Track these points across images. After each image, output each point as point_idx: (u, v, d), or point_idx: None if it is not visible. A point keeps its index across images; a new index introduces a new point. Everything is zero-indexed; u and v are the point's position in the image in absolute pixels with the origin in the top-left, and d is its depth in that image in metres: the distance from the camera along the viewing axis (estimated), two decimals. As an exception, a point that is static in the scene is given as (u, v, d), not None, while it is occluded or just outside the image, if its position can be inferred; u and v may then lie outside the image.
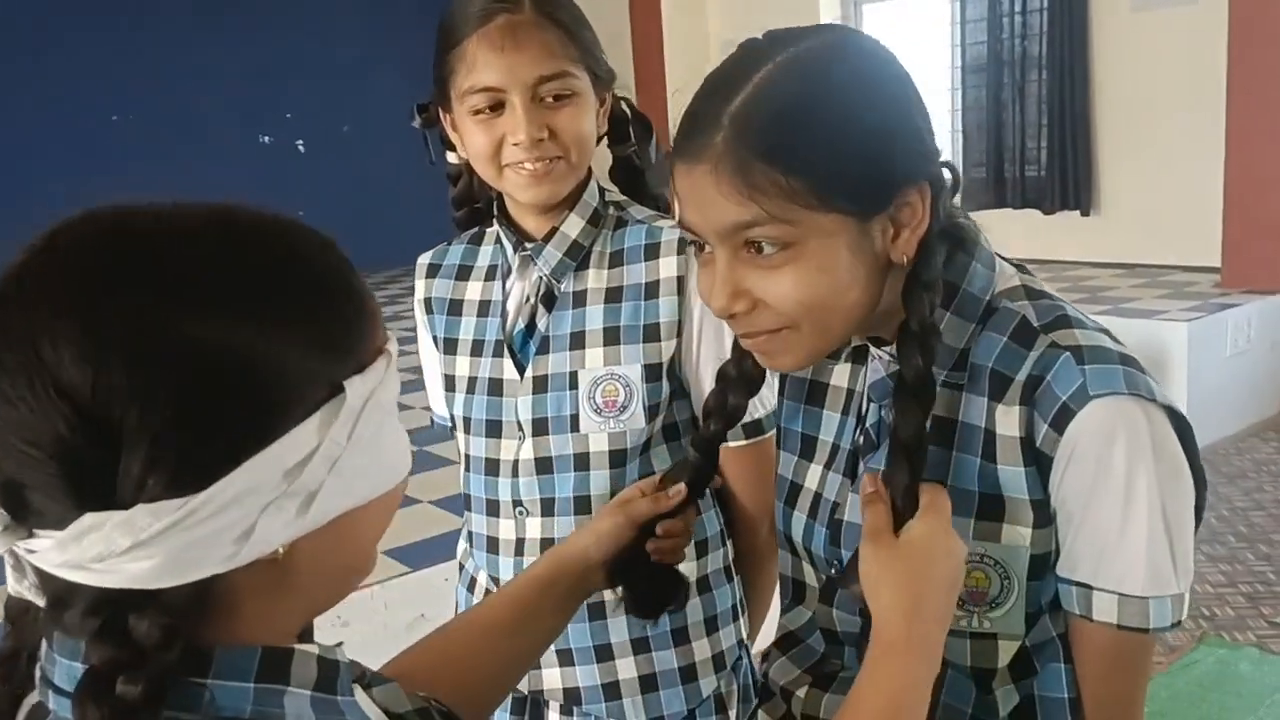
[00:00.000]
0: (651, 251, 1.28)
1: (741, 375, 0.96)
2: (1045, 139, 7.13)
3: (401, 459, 0.65)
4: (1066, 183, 6.99)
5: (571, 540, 1.05)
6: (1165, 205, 6.33)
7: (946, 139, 7.02)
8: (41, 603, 0.57)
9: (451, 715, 0.75)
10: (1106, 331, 0.88)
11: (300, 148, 8.61)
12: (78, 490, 0.52)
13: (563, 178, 1.24)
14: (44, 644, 0.59)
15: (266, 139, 8.46)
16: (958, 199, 0.90)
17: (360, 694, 0.66)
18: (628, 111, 1.36)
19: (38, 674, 0.59)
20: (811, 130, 0.80)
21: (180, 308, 0.54)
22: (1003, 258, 0.94)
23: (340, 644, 0.65)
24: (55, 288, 0.54)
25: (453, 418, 1.38)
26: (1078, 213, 6.91)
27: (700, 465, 1.02)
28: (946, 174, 0.86)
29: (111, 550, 0.52)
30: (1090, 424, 0.81)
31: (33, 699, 0.60)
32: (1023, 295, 0.90)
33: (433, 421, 1.50)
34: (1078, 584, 0.85)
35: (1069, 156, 6.96)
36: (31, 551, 0.54)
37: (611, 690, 1.31)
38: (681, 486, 1.03)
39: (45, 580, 0.56)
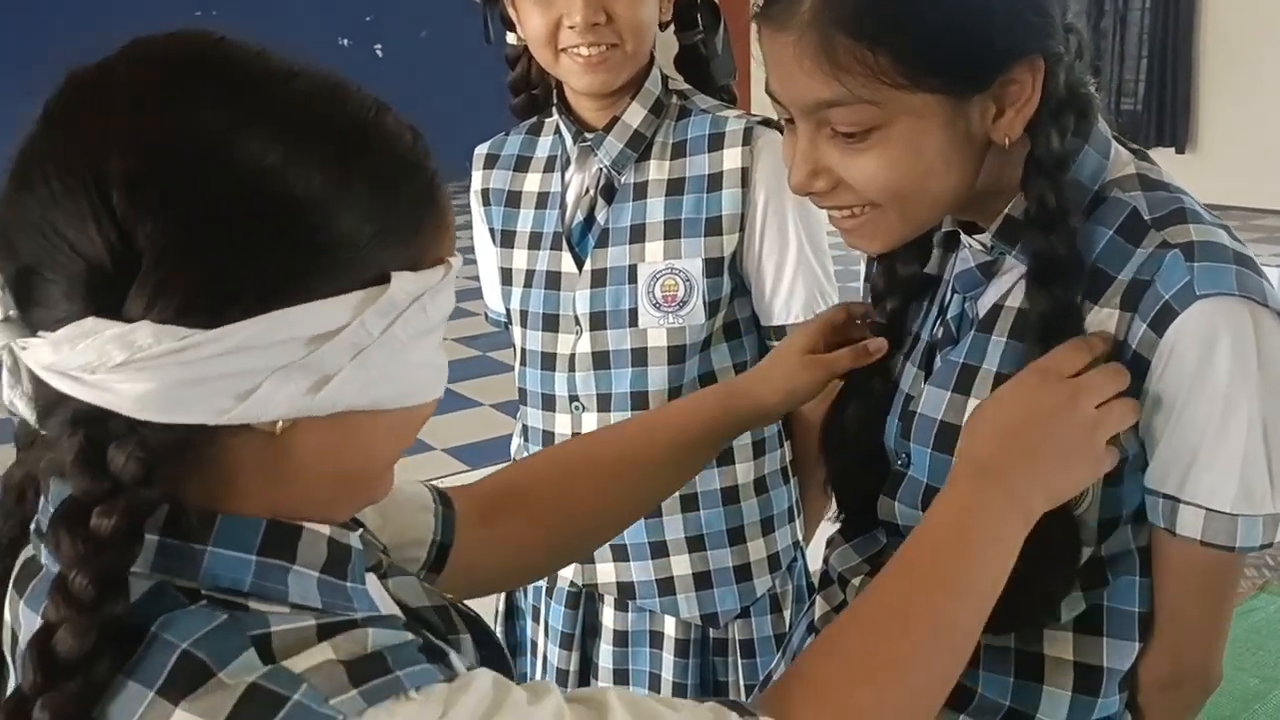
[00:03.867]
0: (715, 142, 1.25)
1: (908, 243, 0.88)
2: (1144, 71, 6.89)
3: (433, 379, 0.60)
4: (1163, 118, 6.75)
5: (757, 387, 0.97)
6: (1266, 147, 6.07)
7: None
8: (32, 416, 0.54)
9: (475, 617, 0.72)
10: (1226, 227, 0.81)
11: (378, 52, 8.61)
12: (89, 292, 0.50)
13: (619, 66, 1.21)
14: (41, 500, 0.57)
15: (345, 41, 8.47)
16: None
17: (374, 583, 0.64)
18: None
19: (33, 528, 0.58)
20: (906, 2, 0.75)
21: (250, 136, 0.51)
22: (1120, 141, 0.87)
23: (360, 530, 0.63)
24: (126, 87, 0.52)
25: (508, 312, 1.38)
26: (1173, 150, 6.67)
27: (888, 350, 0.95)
28: (1072, 39, 0.79)
29: (104, 362, 0.49)
30: (1192, 326, 0.76)
31: (28, 553, 0.59)
32: (1137, 185, 0.83)
33: (487, 316, 1.50)
34: (1164, 495, 0.81)
35: (1168, 91, 6.71)
36: (24, 349, 0.51)
37: (665, 586, 1.32)
38: (883, 342, 0.96)
39: (38, 389, 0.53)
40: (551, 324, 1.31)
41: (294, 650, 0.52)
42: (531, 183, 1.35)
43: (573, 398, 1.31)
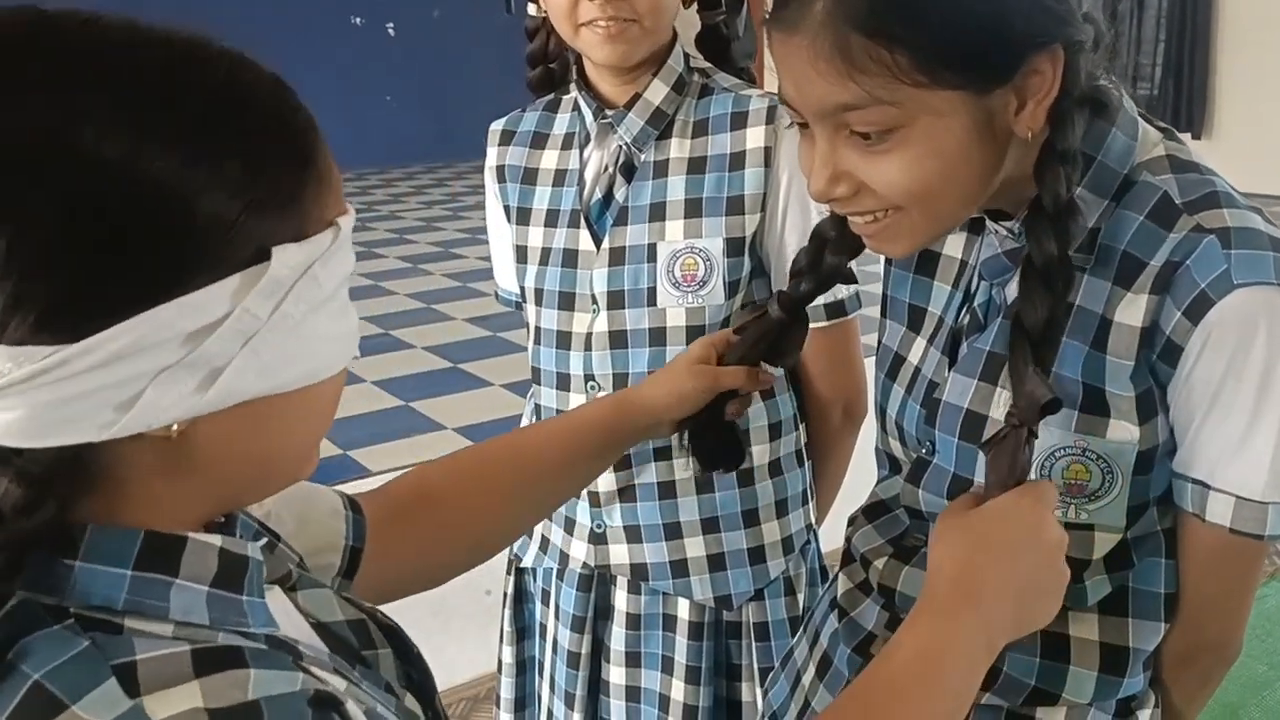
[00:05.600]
0: (738, 121, 1.24)
1: (843, 235, 0.89)
2: (1161, 56, 6.83)
3: (339, 350, 0.56)
4: (1179, 103, 6.70)
5: (646, 391, 1.02)
6: (1284, 133, 6.00)
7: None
8: None
9: (394, 628, 0.69)
10: (1259, 211, 0.80)
11: (390, 31, 8.57)
12: None
13: (637, 40, 1.20)
14: None
15: (358, 20, 8.44)
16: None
17: (278, 597, 0.61)
18: None
19: None
20: None
21: (84, 121, 0.46)
22: (1147, 119, 0.85)
23: (263, 541, 0.60)
24: None
25: (523, 290, 1.36)
26: (1189, 135, 6.62)
27: (782, 324, 0.98)
28: (1089, 29, 0.77)
29: None
30: (1229, 315, 0.75)
31: None
32: (1167, 168, 0.81)
33: (498, 295, 1.49)
34: (1194, 481, 0.81)
35: (1184, 76, 6.66)
36: None
37: (679, 567, 1.32)
38: (774, 377, 1.02)
39: None
40: (568, 302, 1.30)
41: (160, 684, 0.47)
42: (549, 159, 1.33)
43: (588, 377, 1.30)
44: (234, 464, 0.55)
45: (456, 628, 2.70)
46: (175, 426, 0.50)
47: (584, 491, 1.33)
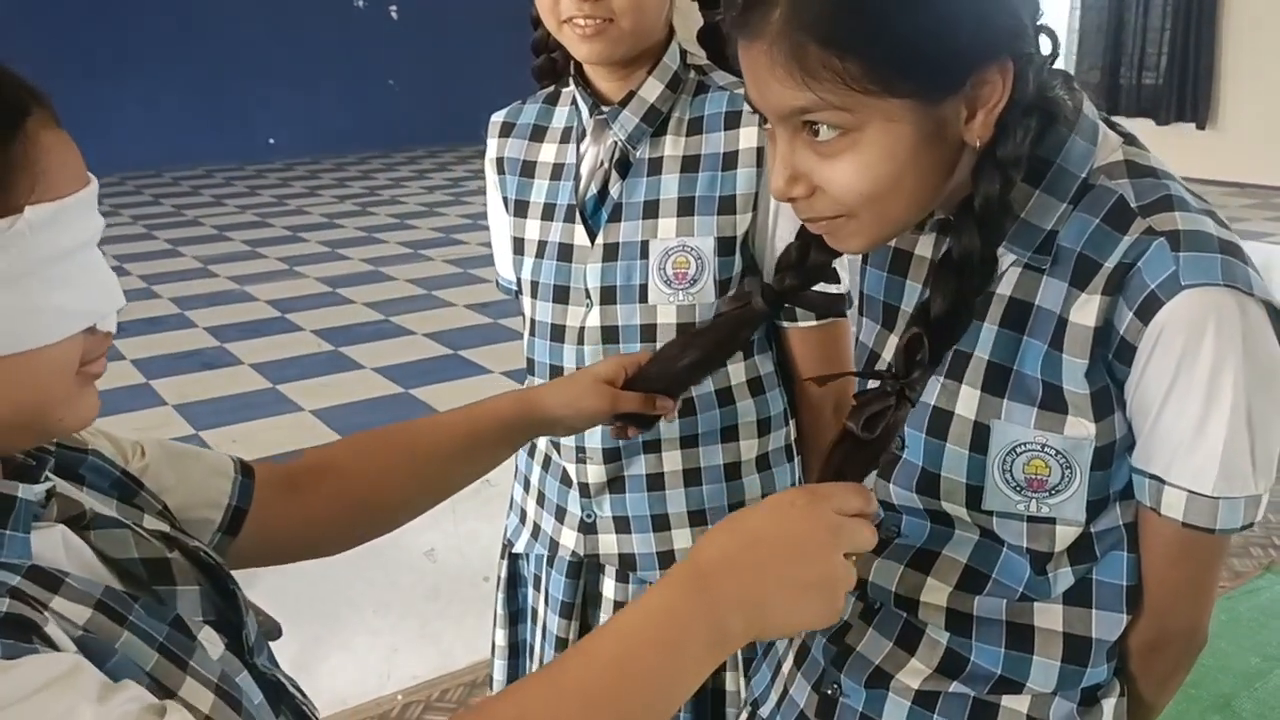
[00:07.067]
0: (732, 120, 1.24)
1: None
2: (1166, 45, 6.82)
3: (40, 323, 0.60)
4: (1184, 93, 6.68)
5: (548, 398, 1.06)
6: (1288, 124, 5.99)
7: (1061, 39, 6.75)
8: None
9: (213, 567, 0.73)
10: (1212, 214, 0.83)
11: (393, 14, 8.55)
12: None
13: (615, 40, 1.20)
14: None
15: (360, 3, 8.41)
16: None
17: (58, 533, 0.66)
18: None
19: None
20: (874, 9, 0.75)
21: None
22: (1110, 124, 0.88)
23: (44, 485, 0.65)
24: None
25: (519, 281, 1.38)
26: (1193, 125, 6.61)
27: (758, 317, 1.01)
28: (1044, 41, 0.80)
29: None
30: (1178, 315, 0.77)
31: None
32: (1124, 172, 0.84)
33: (498, 284, 1.50)
34: (1150, 476, 0.84)
35: (1190, 66, 6.64)
36: None
37: (666, 558, 1.33)
38: (670, 404, 1.09)
39: None
40: (562, 296, 1.31)
41: None
42: (547, 153, 1.35)
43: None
44: None
45: (454, 613, 2.73)
46: None
47: (575, 481, 1.35)
